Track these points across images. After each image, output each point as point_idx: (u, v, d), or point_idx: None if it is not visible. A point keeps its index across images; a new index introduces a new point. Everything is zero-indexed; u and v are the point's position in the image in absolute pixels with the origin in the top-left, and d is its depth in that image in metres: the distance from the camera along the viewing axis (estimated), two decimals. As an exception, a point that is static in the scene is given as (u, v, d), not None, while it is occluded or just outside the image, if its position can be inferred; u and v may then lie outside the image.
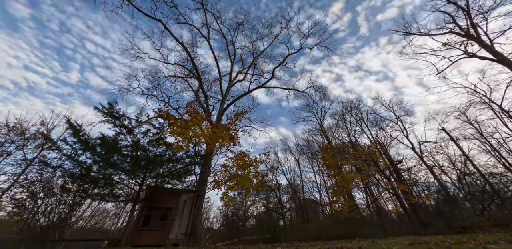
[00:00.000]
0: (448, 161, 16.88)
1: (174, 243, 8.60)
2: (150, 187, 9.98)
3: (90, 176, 9.25)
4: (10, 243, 9.00)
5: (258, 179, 9.73)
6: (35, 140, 14.02)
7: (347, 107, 22.28)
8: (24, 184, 10.58)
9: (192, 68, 16.55)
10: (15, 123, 13.69)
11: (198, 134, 9.73)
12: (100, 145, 9.34)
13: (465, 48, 11.75)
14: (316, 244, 5.91)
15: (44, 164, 9.87)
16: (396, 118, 19.17)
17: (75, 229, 16.79)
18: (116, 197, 9.57)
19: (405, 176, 16.82)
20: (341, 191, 13.51)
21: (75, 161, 9.28)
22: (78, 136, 9.19)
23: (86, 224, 19.95)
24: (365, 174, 15.35)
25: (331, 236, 10.11)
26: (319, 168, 24.25)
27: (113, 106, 9.98)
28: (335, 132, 22.84)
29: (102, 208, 22.11)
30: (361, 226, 11.93)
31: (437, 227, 10.24)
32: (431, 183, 17.05)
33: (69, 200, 10.59)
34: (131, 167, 9.56)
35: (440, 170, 16.17)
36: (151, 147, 10.24)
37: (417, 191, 17.18)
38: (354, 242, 5.75)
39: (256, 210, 29.22)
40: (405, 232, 10.63)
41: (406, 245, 4.37)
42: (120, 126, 9.95)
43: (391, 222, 17.39)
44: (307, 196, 25.57)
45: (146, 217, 9.20)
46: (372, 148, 16.40)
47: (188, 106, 14.80)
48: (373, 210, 18.61)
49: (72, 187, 10.31)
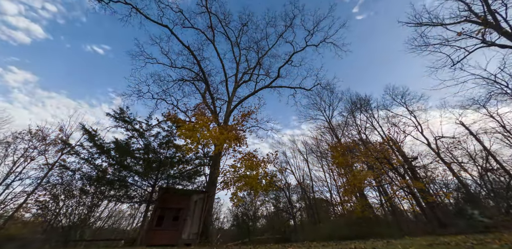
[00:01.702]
0: (468, 157, 15.95)
1: (186, 243, 8.80)
2: (162, 189, 10.28)
3: (106, 179, 9.69)
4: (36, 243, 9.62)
5: (266, 179, 9.73)
6: (55, 146, 14.87)
7: (357, 104, 21.69)
8: (47, 187, 11.30)
9: (199, 71, 16.83)
10: (37, 130, 14.61)
11: (206, 136, 9.88)
12: (114, 149, 9.75)
13: (482, 36, 11.04)
14: (328, 245, 5.81)
15: (64, 168, 10.46)
16: (409, 113, 18.39)
17: (94, 229, 17.60)
18: (130, 198, 9.96)
19: (420, 173, 16.11)
20: (353, 190, 13.19)
21: (92, 165, 9.75)
22: (94, 140, 9.65)
23: (104, 225, 20.88)
24: (378, 172, 14.87)
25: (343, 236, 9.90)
26: (329, 167, 23.77)
27: (124, 111, 10.38)
28: (344, 129, 22.31)
29: (118, 209, 23.06)
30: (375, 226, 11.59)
31: (457, 226, 9.74)
32: (450, 181, 16.22)
33: (87, 202, 11.16)
34: (143, 169, 9.89)
35: (459, 167, 15.33)
36: (161, 149, 10.54)
37: (434, 189, 16.40)
38: (368, 243, 5.60)
39: (265, 210, 29.20)
40: (423, 232, 10.19)
41: (424, 246, 4.20)
42: (132, 130, 10.33)
43: (407, 221, 16.72)
44: (317, 195, 25.16)
45: (159, 218, 9.48)
46: (384, 145, 15.87)
47: (196, 108, 15.10)
48: (387, 210, 18.00)
49: (90, 189, 10.86)
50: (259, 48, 20.17)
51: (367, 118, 20.23)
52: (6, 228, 12.01)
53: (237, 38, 19.28)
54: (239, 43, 19.46)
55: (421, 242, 4.91)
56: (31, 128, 14.23)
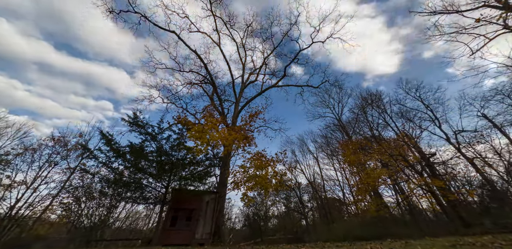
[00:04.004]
0: (493, 151, 14.85)
1: (200, 243, 8.97)
2: (175, 190, 10.57)
3: (122, 181, 10.14)
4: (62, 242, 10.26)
5: (276, 178, 9.69)
6: (75, 151, 15.75)
7: (368, 99, 20.97)
8: (70, 190, 12.03)
9: (206, 74, 17.12)
10: (59, 136, 15.56)
11: (215, 137, 10.02)
12: (129, 152, 10.18)
13: (504, 21, 10.24)
14: (342, 245, 5.67)
15: (85, 172, 11.11)
16: (425, 107, 17.44)
17: (113, 230, 18.42)
18: (146, 199, 10.35)
19: (440, 170, 15.28)
20: (367, 189, 12.77)
21: (110, 168, 10.25)
22: (110, 145, 10.13)
23: (122, 225, 21.81)
24: (393, 170, 14.29)
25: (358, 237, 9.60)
26: (340, 165, 23.17)
27: (137, 115, 10.81)
28: (355, 127, 21.67)
29: (135, 210, 23.98)
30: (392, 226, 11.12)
31: (483, 226, 9.12)
32: (473, 177, 15.21)
33: (106, 203, 11.73)
34: (157, 171, 10.24)
35: (483, 162, 14.34)
36: (173, 152, 10.84)
37: (456, 187, 15.47)
38: (385, 243, 5.39)
39: (277, 210, 29.03)
40: (445, 233, 9.64)
41: (447, 247, 3.98)
42: (145, 134, 10.72)
43: (427, 221, 15.90)
44: (329, 195, 24.60)
45: (173, 218, 9.75)
46: (399, 142, 15.24)
47: (204, 110, 15.34)
48: (404, 209, 17.22)
49: (108, 191, 11.41)
50: (264, 48, 20.17)
51: (379, 114, 19.50)
52: (35, 229, 12.92)
53: (242, 39, 19.41)
54: (244, 44, 19.57)
55: (443, 242, 4.65)
56: (54, 135, 15.20)
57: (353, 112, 22.48)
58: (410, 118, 17.70)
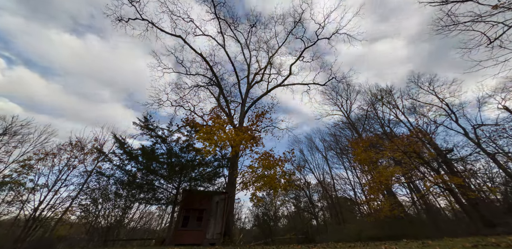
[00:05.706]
0: (516, 146, 13.93)
1: (211, 243, 9.10)
2: (186, 191, 10.80)
3: (136, 183, 10.50)
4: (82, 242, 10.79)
5: (285, 178, 9.64)
6: (92, 154, 16.48)
7: (377, 95, 20.32)
8: (87, 192, 12.62)
9: (212, 76, 17.35)
10: (76, 141, 16.34)
11: (223, 137, 10.13)
12: (141, 155, 10.53)
13: (524, 6, 9.58)
14: (355, 246, 5.54)
15: (100, 174, 11.59)
16: (440, 101, 16.62)
17: (128, 230, 19.09)
18: (158, 200, 10.65)
19: (458, 167, 14.52)
20: (379, 188, 12.38)
21: (123, 170, 10.66)
22: (124, 148, 10.53)
23: (136, 225, 22.55)
24: (407, 168, 13.76)
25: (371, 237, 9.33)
26: (350, 164, 22.61)
27: (148, 119, 11.15)
28: (365, 124, 21.07)
29: (148, 211, 24.70)
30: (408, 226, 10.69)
31: (507, 226, 8.56)
32: (495, 174, 14.32)
33: (121, 204, 12.18)
34: (167, 173, 10.51)
35: (507, 158, 13.46)
36: (182, 153, 11.07)
37: (476, 184, 14.63)
38: (401, 244, 5.22)
39: (286, 210, 28.78)
40: (465, 233, 9.15)
41: (468, 248, 3.79)
42: (156, 137, 11.04)
43: (445, 221, 15.14)
44: (339, 194, 24.05)
45: (185, 218, 9.96)
46: (412, 138, 14.64)
47: (211, 112, 15.53)
48: (421, 208, 16.51)
49: (123, 192, 11.86)
50: (269, 47, 20.14)
51: (390, 110, 18.88)
52: (57, 229, 13.66)
53: (246, 40, 19.48)
54: (248, 44, 19.63)
55: (464, 243, 4.43)
56: (72, 140, 16.00)
57: (363, 109, 21.88)
58: (423, 113, 16.98)
